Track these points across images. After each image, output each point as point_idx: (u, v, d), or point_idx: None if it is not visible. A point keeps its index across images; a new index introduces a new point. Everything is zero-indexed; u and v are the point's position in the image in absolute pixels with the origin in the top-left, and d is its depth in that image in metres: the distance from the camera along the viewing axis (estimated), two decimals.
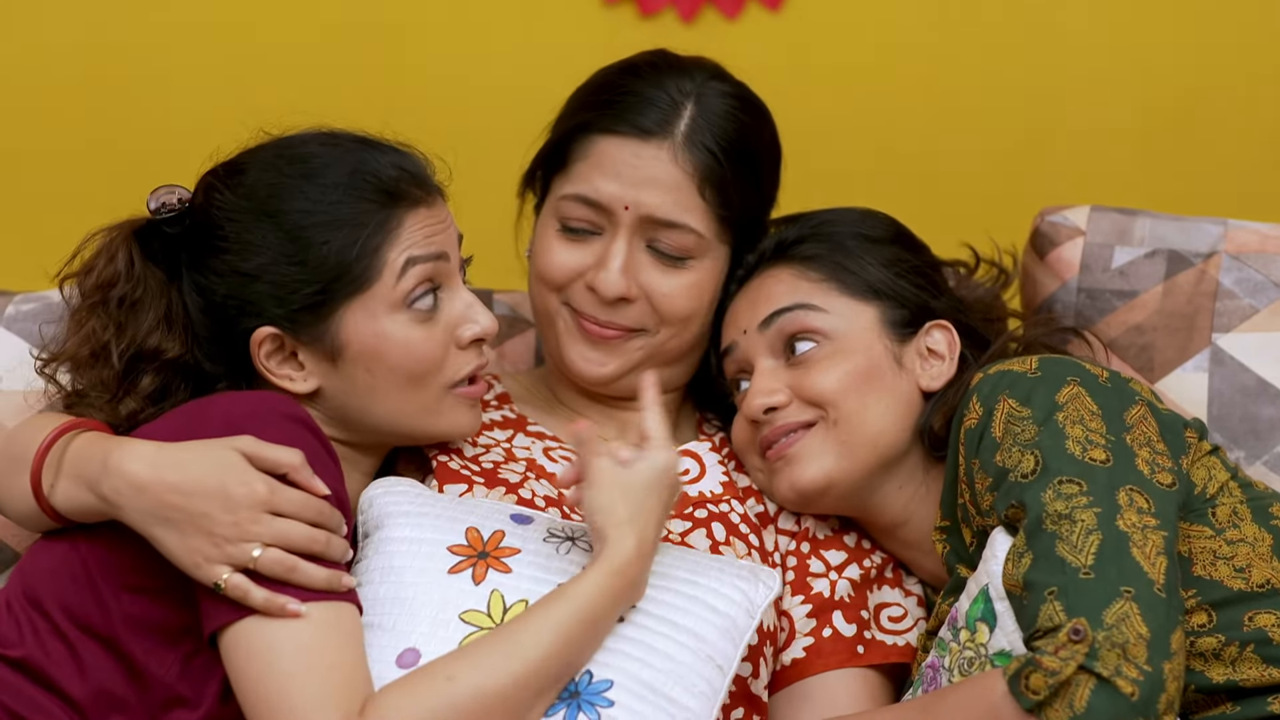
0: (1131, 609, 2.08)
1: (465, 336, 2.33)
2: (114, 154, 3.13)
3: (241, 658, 2.08)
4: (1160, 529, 2.16)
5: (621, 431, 2.53)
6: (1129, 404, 2.28)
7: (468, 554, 2.23)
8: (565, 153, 2.49)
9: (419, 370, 2.31)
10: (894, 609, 2.47)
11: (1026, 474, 2.20)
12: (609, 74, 2.54)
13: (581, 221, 2.47)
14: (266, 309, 2.29)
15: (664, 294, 2.47)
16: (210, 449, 2.12)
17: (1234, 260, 2.67)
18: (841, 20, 3.14)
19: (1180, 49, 3.16)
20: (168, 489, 2.10)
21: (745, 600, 2.24)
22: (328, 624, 2.10)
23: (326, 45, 3.13)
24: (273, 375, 2.31)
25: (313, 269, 2.28)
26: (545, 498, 2.42)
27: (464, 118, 3.11)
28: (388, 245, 2.29)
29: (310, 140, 2.35)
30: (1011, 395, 2.27)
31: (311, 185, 2.31)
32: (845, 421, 2.39)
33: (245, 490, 2.10)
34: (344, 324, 2.29)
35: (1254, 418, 2.61)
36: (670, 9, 3.11)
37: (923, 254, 2.54)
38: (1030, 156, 3.17)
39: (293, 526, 2.12)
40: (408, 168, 2.33)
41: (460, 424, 2.36)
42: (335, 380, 2.31)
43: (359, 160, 2.32)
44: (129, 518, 2.13)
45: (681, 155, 2.45)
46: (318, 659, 2.07)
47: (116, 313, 2.33)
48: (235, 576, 2.08)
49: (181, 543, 2.10)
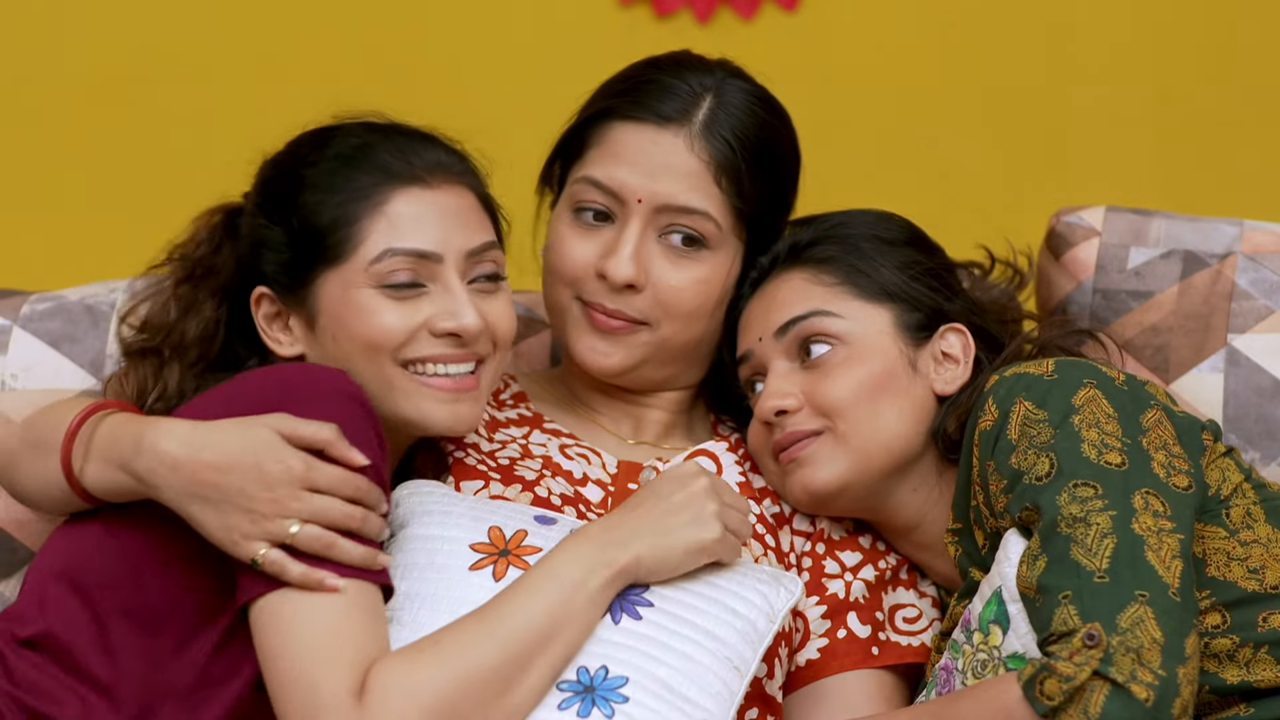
0: (1146, 613, 2.07)
1: (439, 326, 2.29)
2: (128, 155, 3.13)
3: (268, 629, 2.09)
4: (1176, 532, 2.16)
5: (636, 428, 2.54)
6: (1145, 407, 2.27)
7: (489, 551, 2.23)
8: (582, 140, 2.50)
9: (375, 340, 2.28)
10: (909, 610, 2.47)
11: (1041, 476, 2.20)
12: (632, 67, 2.54)
13: (593, 204, 2.46)
14: (266, 270, 2.34)
15: (671, 286, 2.46)
16: (245, 427, 2.13)
17: (1250, 261, 2.66)
18: (857, 20, 3.14)
19: (1196, 49, 3.16)
20: (203, 466, 2.10)
21: (766, 605, 2.24)
22: (357, 601, 2.10)
23: (338, 46, 3.14)
24: (267, 337, 2.34)
25: (297, 230, 2.31)
26: (561, 495, 2.42)
27: (478, 118, 3.07)
28: (368, 218, 2.29)
29: (351, 124, 2.39)
30: (1028, 397, 2.27)
31: (318, 154, 2.34)
32: (854, 431, 2.39)
33: (281, 467, 2.10)
34: (320, 290, 2.30)
35: (1269, 418, 2.61)
36: (686, 9, 3.12)
37: (937, 256, 2.53)
38: (1046, 157, 3.17)
39: (330, 503, 2.12)
40: (416, 149, 2.34)
41: (430, 413, 2.30)
42: (314, 349, 2.33)
43: (373, 138, 2.34)
44: (164, 496, 2.13)
45: (698, 143, 2.45)
46: (344, 634, 2.08)
47: (204, 281, 2.40)
48: (272, 552, 2.09)
49: (218, 520, 2.10)
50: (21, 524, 2.50)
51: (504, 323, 2.35)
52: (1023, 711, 2.07)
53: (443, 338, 2.30)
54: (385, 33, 3.14)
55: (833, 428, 2.39)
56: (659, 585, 2.20)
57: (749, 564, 2.30)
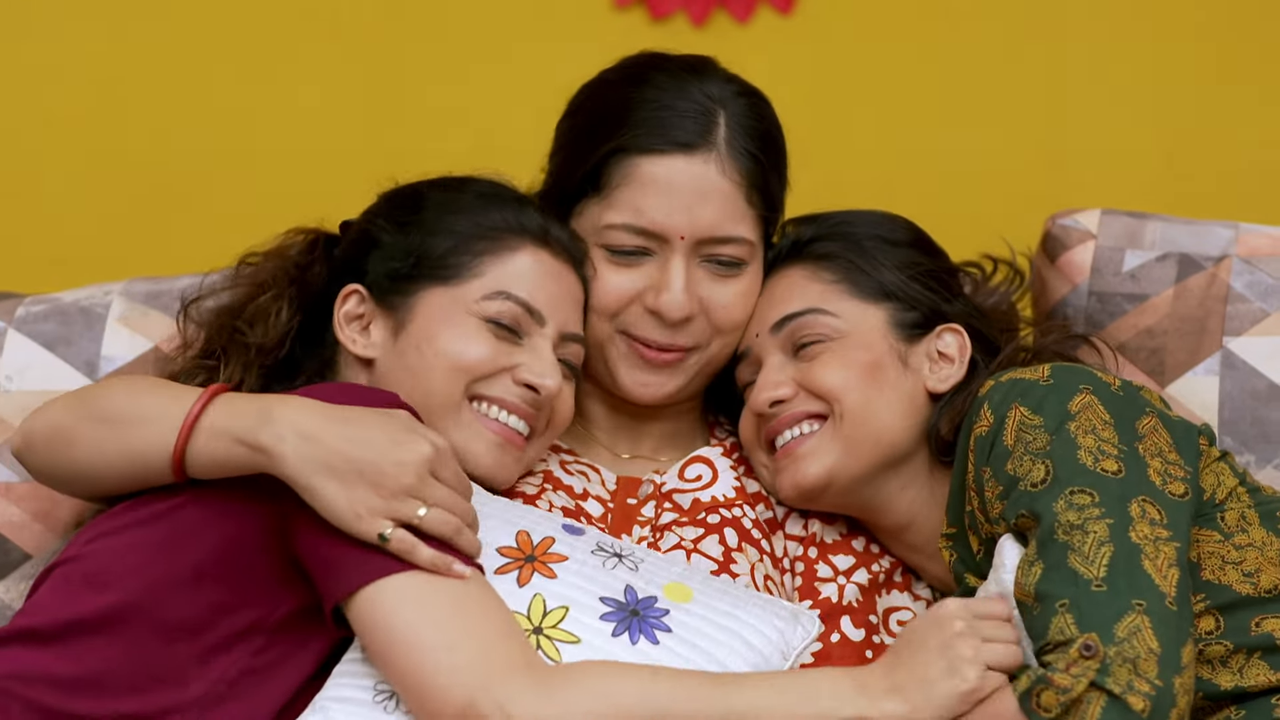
0: (1143, 622, 2.07)
1: (523, 376, 2.36)
2: (124, 161, 3.13)
3: (389, 611, 2.09)
4: (1172, 540, 2.15)
5: (633, 443, 2.55)
6: (1141, 413, 2.27)
7: (515, 556, 2.23)
8: (599, 177, 2.46)
9: (463, 362, 2.34)
10: (903, 613, 2.46)
11: (1037, 483, 2.20)
12: (615, 89, 2.50)
13: (632, 248, 2.45)
14: (368, 269, 2.40)
15: (722, 305, 2.46)
16: (376, 411, 2.16)
17: (1245, 264, 2.67)
18: (853, 23, 3.13)
19: (1192, 52, 3.16)
20: (339, 438, 2.11)
21: (781, 640, 2.24)
22: (482, 589, 2.12)
23: (332, 50, 3.14)
24: (342, 330, 2.39)
25: (418, 241, 2.38)
26: (563, 509, 2.42)
27: (473, 121, 3.12)
28: (493, 255, 2.37)
29: (494, 179, 2.47)
30: (1023, 403, 2.27)
31: (460, 188, 2.43)
32: (851, 415, 2.39)
33: (415, 449, 2.12)
34: (421, 302, 2.36)
35: (1265, 421, 2.61)
36: (681, 13, 3.11)
37: (939, 259, 2.54)
38: (1042, 160, 3.17)
39: (451, 493, 2.14)
40: (552, 221, 2.42)
41: (476, 451, 2.35)
42: (390, 356, 2.37)
43: (519, 197, 2.44)
44: (287, 466, 2.12)
45: (728, 165, 2.44)
46: (474, 620, 2.09)
47: (290, 290, 2.45)
48: (400, 531, 2.10)
49: (344, 493, 2.10)
50: (16, 527, 2.51)
51: (565, 408, 2.42)
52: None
53: (521, 388, 2.36)
54: (379, 36, 3.13)
55: (832, 411, 2.40)
56: (679, 613, 2.21)
57: (771, 600, 2.31)
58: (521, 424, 2.37)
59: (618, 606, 2.21)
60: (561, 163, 2.51)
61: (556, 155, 2.53)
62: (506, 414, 2.36)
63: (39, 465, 2.30)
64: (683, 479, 2.50)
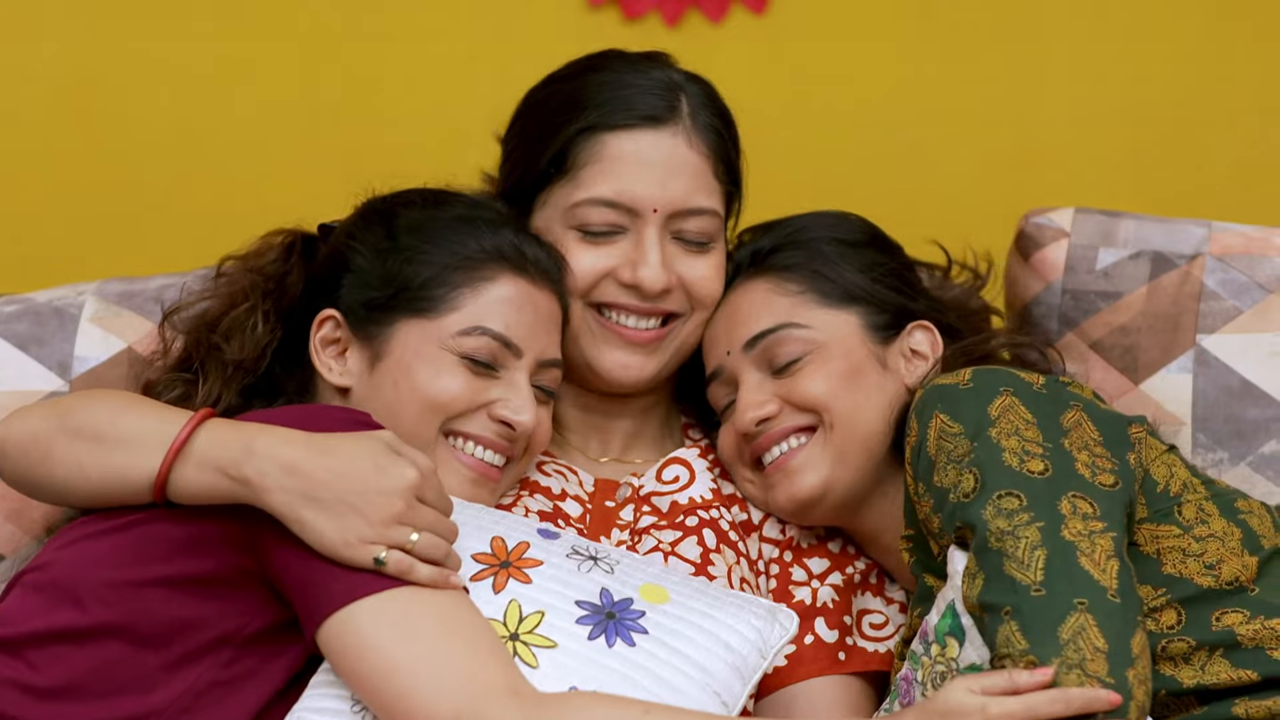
0: (1087, 621, 2.05)
1: (499, 413, 2.34)
2: (97, 160, 3.13)
3: (370, 632, 2.08)
4: (1107, 531, 2.14)
5: (603, 444, 2.55)
6: (1065, 408, 2.25)
7: (490, 563, 2.23)
8: (565, 159, 2.45)
9: (438, 400, 2.32)
10: (875, 616, 2.47)
11: (968, 493, 2.18)
12: (571, 80, 2.50)
13: (604, 224, 2.45)
14: (342, 295, 2.37)
15: (698, 277, 2.46)
16: (359, 438, 2.14)
17: (1218, 262, 2.67)
18: (825, 23, 3.13)
19: (1165, 51, 3.16)
20: (322, 469, 2.10)
21: (759, 640, 2.23)
22: (468, 609, 2.11)
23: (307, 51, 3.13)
24: (318, 357, 2.37)
25: (393, 271, 2.35)
26: (539, 513, 2.42)
27: (445, 121, 3.11)
28: (470, 287, 2.34)
29: (473, 195, 2.45)
30: (943, 410, 2.25)
31: (437, 209, 2.39)
32: (840, 424, 2.39)
33: (399, 475, 2.11)
34: (397, 334, 2.34)
35: (1238, 419, 2.61)
36: (655, 13, 3.11)
37: (898, 256, 2.54)
38: (1015, 159, 3.17)
39: (437, 515, 2.14)
40: (528, 241, 2.39)
41: (447, 483, 2.27)
42: (365, 386, 2.35)
43: (496, 218, 2.40)
44: (272, 499, 2.11)
45: (695, 138, 2.45)
46: (460, 640, 2.08)
47: (268, 300, 2.43)
48: (395, 553, 2.09)
49: (333, 523, 2.09)
50: None
51: (543, 432, 2.40)
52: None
53: (497, 424, 2.34)
54: (353, 35, 3.13)
55: (821, 421, 2.40)
56: (656, 614, 2.21)
57: (747, 598, 2.30)
58: (498, 458, 2.36)
59: (593, 609, 2.20)
60: (520, 159, 2.50)
61: (511, 156, 2.52)
62: (482, 449, 2.35)
63: (11, 472, 2.29)
64: (660, 480, 2.49)
